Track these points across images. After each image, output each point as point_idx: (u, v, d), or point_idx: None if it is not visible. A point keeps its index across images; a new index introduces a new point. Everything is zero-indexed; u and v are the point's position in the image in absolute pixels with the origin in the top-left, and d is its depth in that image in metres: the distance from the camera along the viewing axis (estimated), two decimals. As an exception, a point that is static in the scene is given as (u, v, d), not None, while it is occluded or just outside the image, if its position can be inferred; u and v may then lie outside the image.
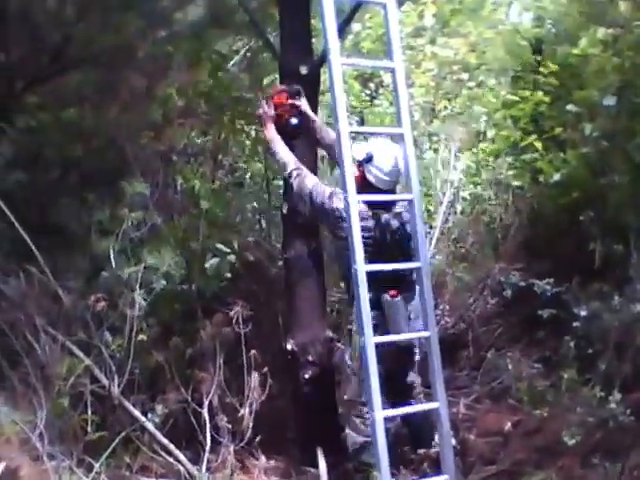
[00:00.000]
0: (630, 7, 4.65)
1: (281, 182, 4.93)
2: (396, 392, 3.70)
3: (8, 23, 5.20)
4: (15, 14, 5.27)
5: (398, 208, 3.70)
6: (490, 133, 5.75)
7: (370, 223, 3.61)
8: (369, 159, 3.59)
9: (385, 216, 3.65)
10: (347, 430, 3.87)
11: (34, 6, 5.42)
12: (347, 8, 4.38)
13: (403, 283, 3.66)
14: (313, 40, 4.45)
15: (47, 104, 5.45)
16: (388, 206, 3.67)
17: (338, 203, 3.59)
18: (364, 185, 3.57)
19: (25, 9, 5.35)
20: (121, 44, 5.45)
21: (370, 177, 3.60)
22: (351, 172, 3.46)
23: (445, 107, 6.02)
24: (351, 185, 3.46)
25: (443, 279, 5.25)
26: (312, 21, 4.40)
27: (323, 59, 3.85)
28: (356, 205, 3.42)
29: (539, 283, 4.55)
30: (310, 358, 4.14)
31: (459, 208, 5.79)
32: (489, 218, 5.58)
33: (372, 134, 5.82)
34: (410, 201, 3.64)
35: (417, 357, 3.86)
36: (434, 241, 5.36)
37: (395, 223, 3.66)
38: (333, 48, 3.47)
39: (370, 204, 3.59)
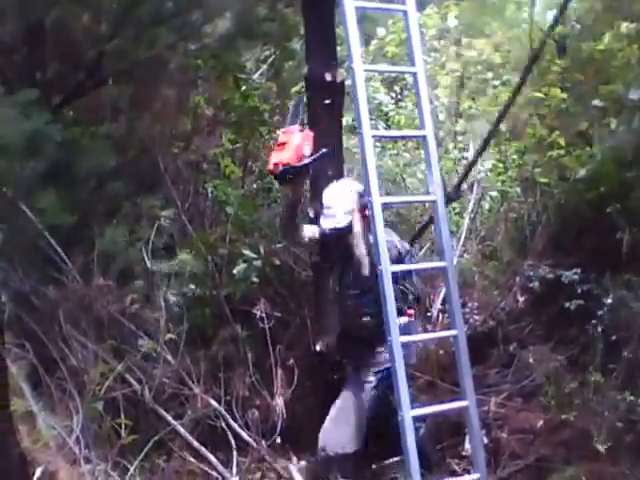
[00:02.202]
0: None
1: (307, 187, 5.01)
2: None
3: (45, 40, 5.39)
4: (51, 31, 5.47)
5: None
6: (516, 131, 5.73)
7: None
8: None
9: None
10: None
11: (70, 23, 5.63)
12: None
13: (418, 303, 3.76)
14: (338, 48, 4.52)
15: (82, 118, 5.64)
16: None
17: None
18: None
19: (61, 26, 5.56)
20: (153, 57, 5.63)
21: None
22: (375, 175, 3.53)
23: (470, 107, 6.02)
24: (374, 188, 3.53)
25: (471, 277, 5.24)
26: (337, 29, 4.46)
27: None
28: (380, 207, 3.48)
29: (567, 274, 4.54)
30: (338, 359, 4.17)
31: (486, 206, 5.78)
32: (517, 215, 5.55)
33: (395, 137, 5.93)
34: (434, 202, 3.68)
35: None
36: (462, 240, 5.36)
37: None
38: (355, 55, 3.55)
39: None
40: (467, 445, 4.12)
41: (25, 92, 4.47)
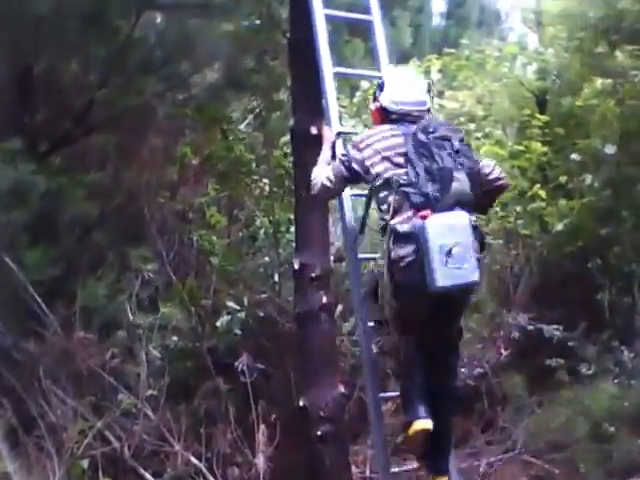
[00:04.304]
0: (627, 57, 4.73)
1: (292, 236, 5.03)
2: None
3: (33, 87, 5.43)
4: (40, 78, 5.52)
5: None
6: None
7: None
8: (381, 87, 3.17)
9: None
10: None
11: (59, 71, 5.69)
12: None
13: (440, 200, 2.76)
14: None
15: (69, 166, 5.65)
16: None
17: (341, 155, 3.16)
18: (385, 116, 3.10)
19: (50, 74, 5.61)
20: (141, 106, 5.68)
21: (387, 104, 3.10)
22: (353, 228, 3.53)
23: (454, 159, 6.07)
24: (352, 244, 3.57)
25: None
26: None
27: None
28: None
29: (548, 328, 4.56)
30: (322, 414, 4.12)
31: (470, 258, 5.78)
32: (500, 267, 5.58)
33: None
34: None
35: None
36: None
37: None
38: (333, 118, 3.62)
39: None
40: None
41: (10, 142, 4.50)
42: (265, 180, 5.94)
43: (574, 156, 4.98)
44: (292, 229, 5.10)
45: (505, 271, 5.39)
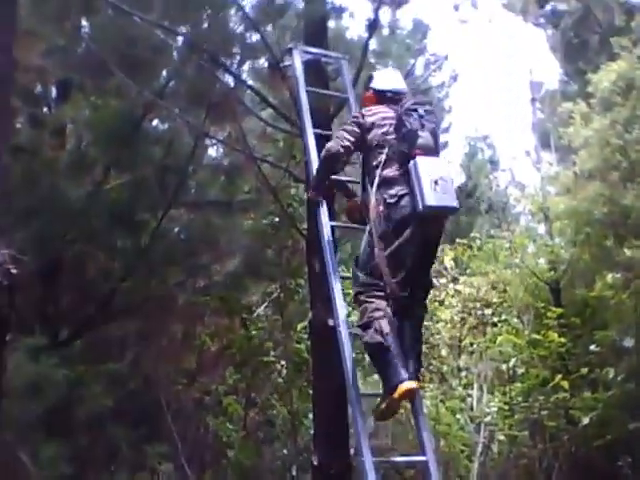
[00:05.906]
0: (636, 251, 4.85)
1: (310, 423, 4.89)
2: None
3: (59, 276, 5.61)
4: (67, 267, 5.72)
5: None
6: (520, 370, 5.72)
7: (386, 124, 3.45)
8: (370, 79, 3.73)
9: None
10: None
11: (85, 260, 5.92)
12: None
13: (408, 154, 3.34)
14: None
15: (88, 353, 5.68)
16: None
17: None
18: (379, 97, 3.63)
19: (77, 263, 5.83)
20: (163, 294, 5.83)
21: (381, 86, 3.64)
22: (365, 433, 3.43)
23: (471, 343, 6.09)
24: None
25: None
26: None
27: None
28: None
29: None
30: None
31: (495, 449, 5.57)
32: (527, 461, 5.32)
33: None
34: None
35: None
36: (474, 488, 5.09)
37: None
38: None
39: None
40: None
41: (35, 339, 4.59)
42: (282, 362, 5.93)
43: (593, 347, 4.96)
44: (310, 415, 4.98)
45: (533, 466, 5.13)
